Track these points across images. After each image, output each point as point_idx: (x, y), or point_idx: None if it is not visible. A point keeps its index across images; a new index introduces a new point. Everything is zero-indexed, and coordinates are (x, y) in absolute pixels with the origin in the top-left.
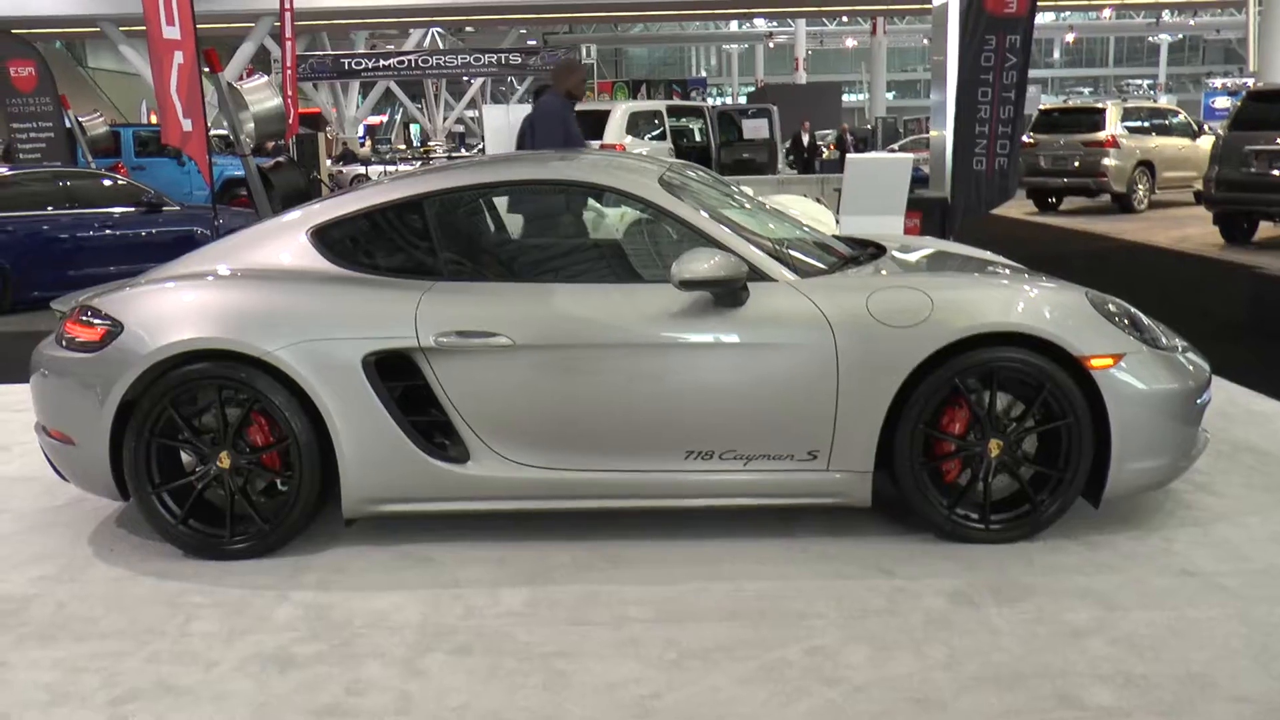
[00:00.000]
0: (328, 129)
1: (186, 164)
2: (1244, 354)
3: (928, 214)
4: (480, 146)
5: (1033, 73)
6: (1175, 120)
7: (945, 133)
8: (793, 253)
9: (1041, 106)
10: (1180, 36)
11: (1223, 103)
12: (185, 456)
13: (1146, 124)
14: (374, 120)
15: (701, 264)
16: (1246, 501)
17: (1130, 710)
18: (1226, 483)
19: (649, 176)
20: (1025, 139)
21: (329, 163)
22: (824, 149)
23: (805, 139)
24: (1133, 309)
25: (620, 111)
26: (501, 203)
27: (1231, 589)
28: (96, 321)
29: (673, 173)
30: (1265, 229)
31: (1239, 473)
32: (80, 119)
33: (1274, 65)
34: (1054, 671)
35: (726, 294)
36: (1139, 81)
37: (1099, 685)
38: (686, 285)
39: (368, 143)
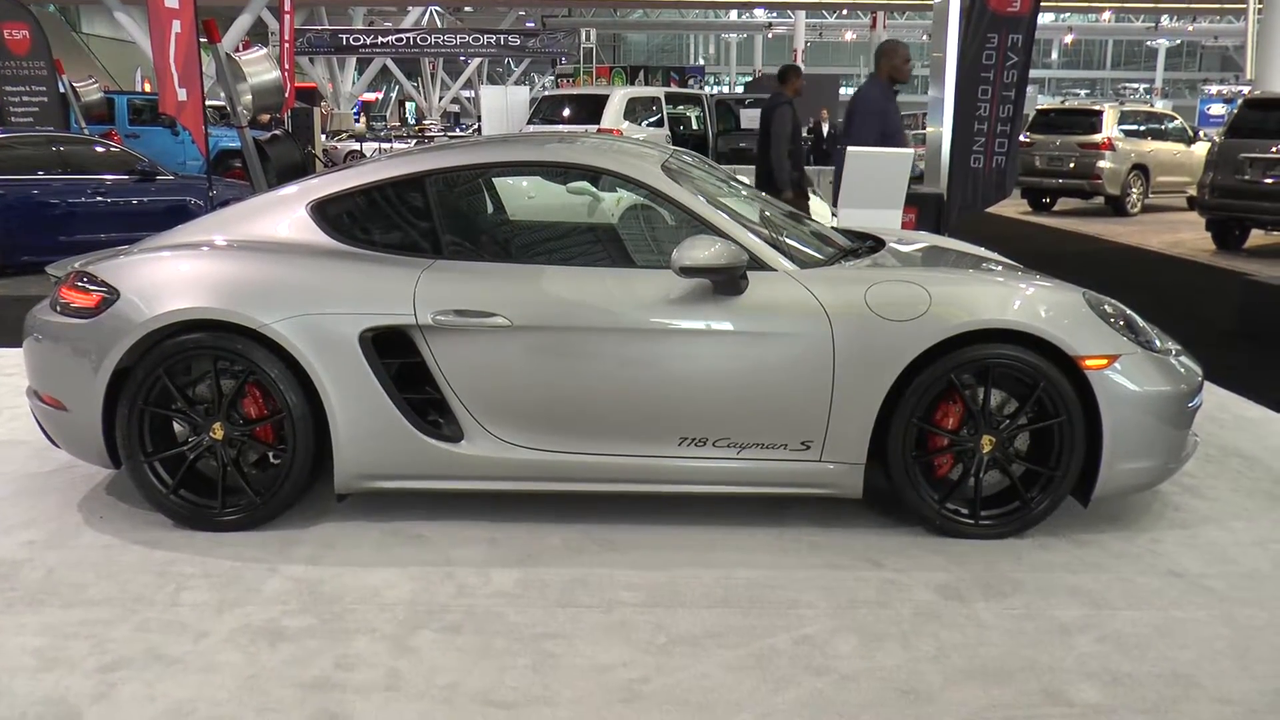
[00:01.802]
0: (323, 104)
1: (181, 134)
2: (1234, 360)
3: (923, 209)
4: (475, 126)
5: (1030, 73)
6: (1171, 125)
7: (942, 129)
8: (792, 243)
9: (1039, 107)
10: (1178, 41)
11: (1218, 109)
12: (178, 426)
13: (1142, 128)
14: (369, 97)
15: (702, 251)
16: (1233, 505)
17: (1115, 708)
18: (1215, 486)
19: (651, 162)
20: (1021, 138)
21: (323, 137)
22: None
23: (825, 129)
24: (1129, 311)
25: (619, 97)
26: (502, 183)
27: (1217, 591)
28: (93, 288)
29: (674, 159)
30: (1256, 236)
31: (1227, 477)
32: (75, 84)
33: (1271, 73)
34: (1041, 667)
35: (726, 282)
36: (1135, 85)
37: (1085, 682)
38: (687, 272)
39: (362, 119)
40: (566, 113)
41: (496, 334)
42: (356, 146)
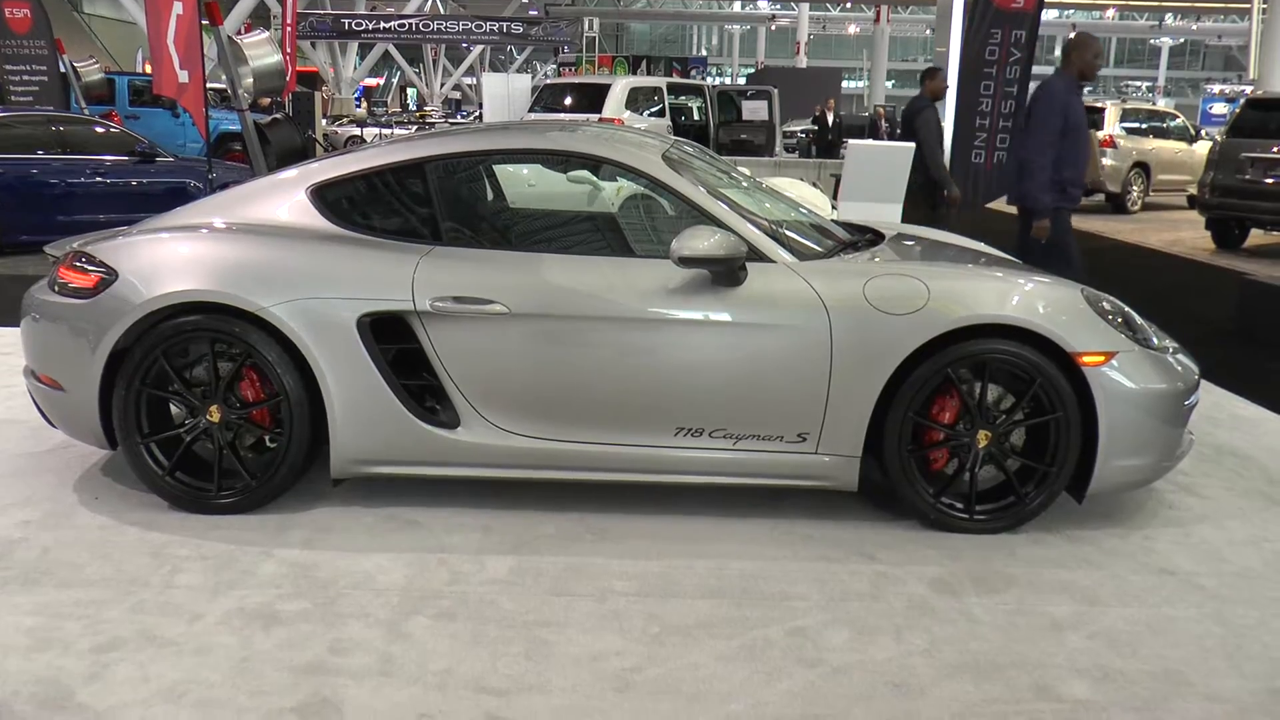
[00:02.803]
0: (324, 88)
1: (181, 115)
2: (1231, 359)
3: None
4: (477, 114)
5: (1033, 69)
6: (1173, 124)
7: (944, 124)
8: (791, 235)
9: None
10: (1181, 40)
11: (1220, 109)
12: (174, 408)
13: (1144, 126)
14: (371, 82)
15: (702, 242)
16: (1227, 504)
17: (1106, 705)
18: (1209, 485)
19: (652, 151)
20: None
21: (324, 122)
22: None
23: (830, 119)
24: (1126, 308)
25: (620, 86)
26: (502, 170)
27: (1209, 589)
28: (91, 268)
29: (674, 149)
30: (1255, 236)
31: (1221, 476)
32: (75, 64)
33: (1273, 73)
34: (1032, 663)
35: (725, 273)
36: (1138, 83)
37: (1076, 678)
38: (686, 262)
39: (363, 104)
40: (568, 101)
41: (494, 321)
42: (357, 131)
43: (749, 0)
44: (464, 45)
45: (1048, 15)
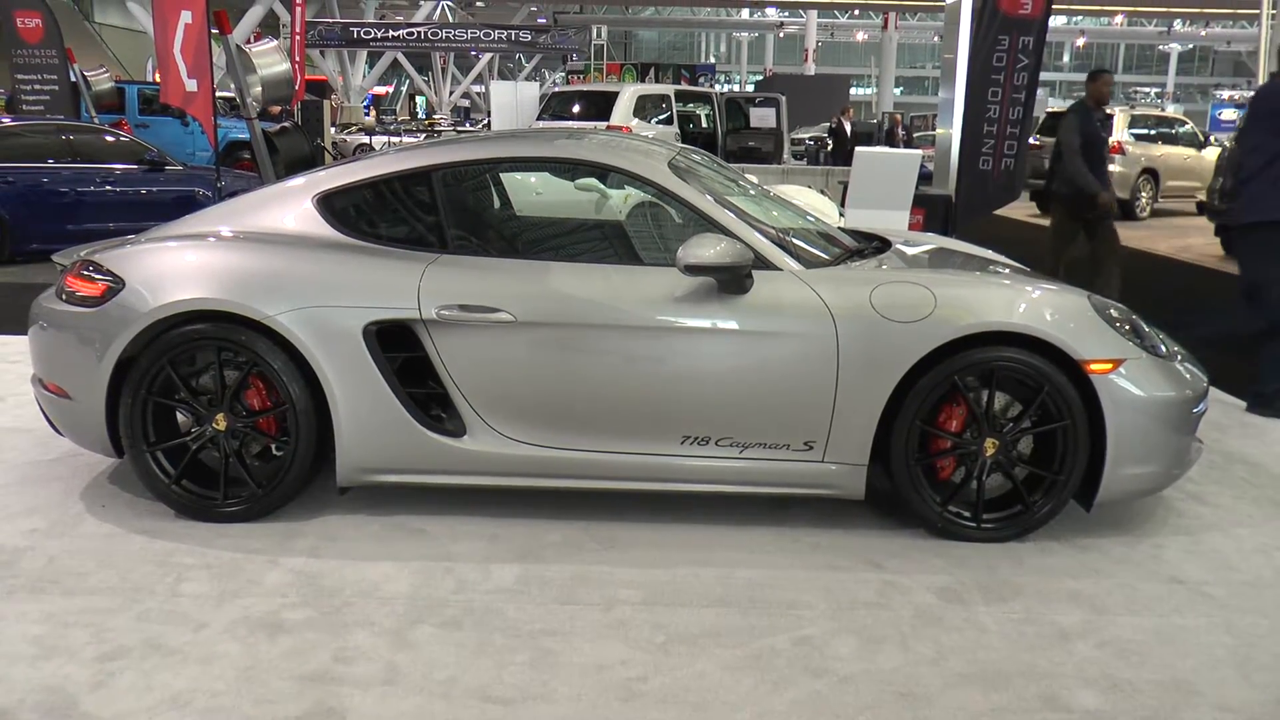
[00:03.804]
0: (333, 97)
1: (190, 124)
2: (1240, 366)
3: (931, 211)
4: (485, 122)
5: (1041, 75)
6: (1181, 130)
7: (952, 131)
8: (798, 242)
9: (1049, 109)
10: (1190, 46)
11: (1229, 115)
12: (181, 417)
13: (1153, 132)
14: (380, 90)
15: (708, 249)
16: (1237, 512)
17: (1115, 714)
18: (1218, 493)
19: (659, 159)
20: (1031, 141)
21: (333, 130)
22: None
23: (849, 127)
24: (1134, 315)
25: (628, 94)
26: (509, 178)
27: (1218, 598)
28: (98, 277)
29: (681, 157)
30: None
31: (1231, 484)
32: (85, 74)
33: None
34: (1040, 672)
35: (731, 280)
36: (1147, 89)
37: (1084, 688)
38: (692, 270)
39: (372, 113)
40: (576, 109)
41: (500, 329)
42: (366, 140)
43: (757, 8)
44: (473, 53)
45: (1057, 22)
